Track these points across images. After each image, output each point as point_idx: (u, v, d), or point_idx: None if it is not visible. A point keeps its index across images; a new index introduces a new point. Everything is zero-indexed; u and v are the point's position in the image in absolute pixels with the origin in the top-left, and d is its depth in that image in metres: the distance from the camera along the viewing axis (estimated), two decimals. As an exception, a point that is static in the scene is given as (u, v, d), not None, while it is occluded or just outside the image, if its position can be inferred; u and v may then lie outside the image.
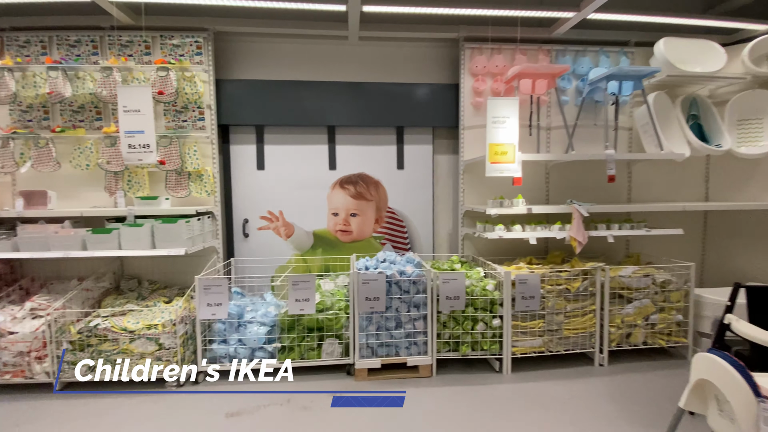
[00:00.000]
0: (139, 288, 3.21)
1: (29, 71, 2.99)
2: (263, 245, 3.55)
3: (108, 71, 3.01)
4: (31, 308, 2.69)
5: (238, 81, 3.40)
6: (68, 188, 3.20)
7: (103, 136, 3.06)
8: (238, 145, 3.53)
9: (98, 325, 2.59)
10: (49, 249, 2.72)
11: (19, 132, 2.98)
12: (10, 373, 2.57)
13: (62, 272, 3.27)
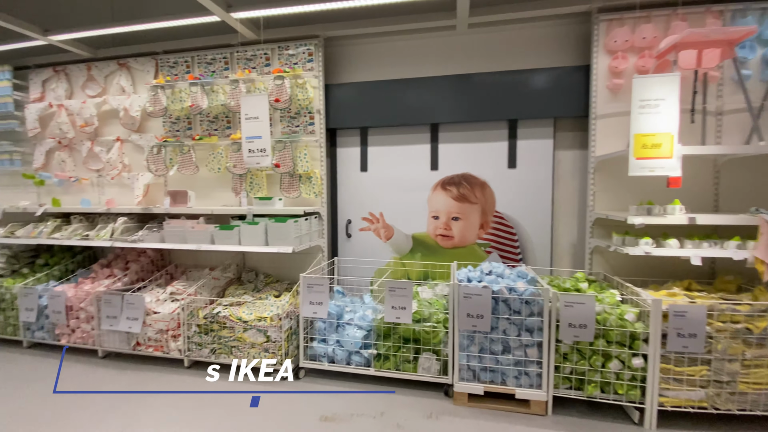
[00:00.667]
0: (256, 280, 3.50)
1: (176, 88, 3.50)
2: (365, 246, 3.54)
3: (235, 83, 3.33)
4: (171, 292, 3.13)
5: (344, 85, 3.44)
6: (204, 189, 3.66)
7: (231, 143, 3.41)
8: (344, 147, 3.58)
9: (219, 312, 2.86)
10: (186, 242, 3.13)
11: (168, 140, 3.52)
12: (153, 346, 3.03)
13: (198, 261, 3.77)
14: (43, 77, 4.03)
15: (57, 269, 3.74)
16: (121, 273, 3.54)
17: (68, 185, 4.07)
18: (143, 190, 3.70)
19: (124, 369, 3.04)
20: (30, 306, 3.32)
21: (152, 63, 3.72)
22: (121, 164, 3.81)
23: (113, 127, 3.89)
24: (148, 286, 3.33)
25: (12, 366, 3.13)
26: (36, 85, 4.05)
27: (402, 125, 3.38)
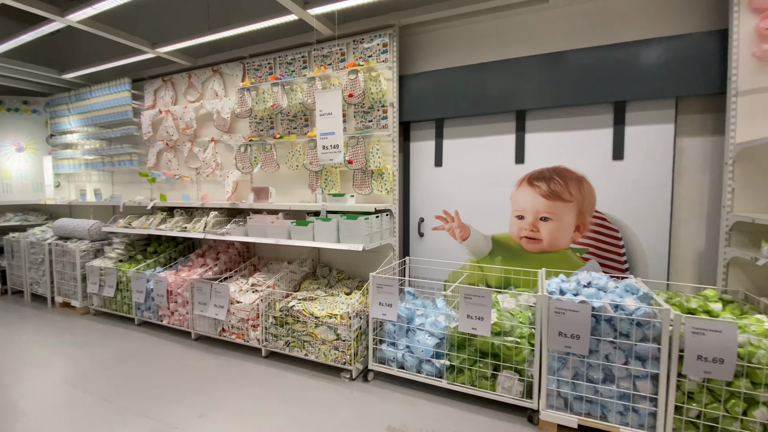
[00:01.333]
0: (329, 276, 3.52)
1: (260, 89, 3.66)
2: (438, 246, 3.33)
3: (312, 81, 3.37)
4: (252, 284, 3.29)
5: (419, 75, 3.25)
6: (284, 185, 3.79)
7: (307, 140, 3.47)
8: (418, 141, 3.40)
9: (293, 306, 2.91)
10: (266, 236, 3.25)
11: (253, 140, 3.71)
12: (235, 334, 3.21)
13: (278, 255, 3.93)
14: (155, 87, 4.57)
15: (163, 257, 4.22)
16: (213, 263, 3.84)
17: (173, 182, 4.57)
18: (232, 187, 3.97)
19: (210, 352, 3.29)
20: (140, 288, 3.78)
21: (240, 67, 3.96)
22: (215, 163, 4.14)
23: (208, 128, 4.25)
24: (234, 276, 3.56)
25: (125, 340, 3.60)
26: (149, 94, 4.61)
27: (482, 114, 3.08)
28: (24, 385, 2.79)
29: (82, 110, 5.03)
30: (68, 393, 2.68)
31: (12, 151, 5.54)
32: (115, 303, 4.09)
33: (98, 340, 3.58)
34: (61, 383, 2.81)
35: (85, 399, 2.60)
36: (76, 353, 3.32)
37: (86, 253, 4.40)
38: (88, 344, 3.50)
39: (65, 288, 4.49)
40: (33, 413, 2.45)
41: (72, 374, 2.95)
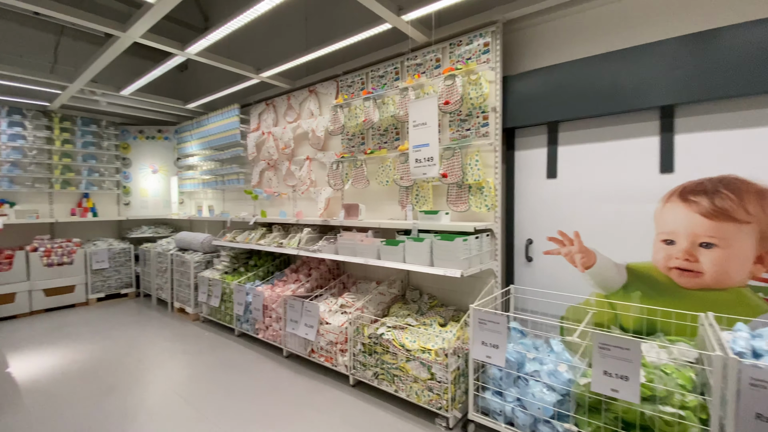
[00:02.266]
0: (420, 300, 3.22)
1: (352, 105, 3.60)
2: (551, 274, 2.80)
3: (404, 92, 3.18)
4: (341, 305, 3.15)
5: (526, 74, 2.82)
6: (373, 201, 3.65)
7: (398, 154, 3.27)
8: (525, 150, 2.94)
9: (383, 335, 2.67)
10: (355, 254, 3.10)
11: (344, 156, 3.65)
12: (324, 357, 3.09)
13: (367, 274, 3.77)
14: (259, 110, 4.90)
15: (262, 270, 4.40)
16: (305, 279, 3.85)
17: (273, 199, 4.80)
18: (324, 203, 3.97)
19: (300, 373, 3.22)
20: (240, 301, 3.95)
21: (334, 86, 3.98)
22: (309, 180, 4.21)
23: (304, 147, 4.36)
24: (324, 294, 3.49)
25: (225, 351, 3.76)
26: (254, 117, 4.96)
27: (611, 114, 2.51)
28: (138, 390, 3.02)
29: (200, 135, 5.66)
30: (175, 404, 2.81)
31: (149, 173, 6.50)
32: (220, 313, 4.37)
33: (204, 349, 3.81)
34: (170, 392, 2.98)
35: (188, 414, 2.69)
36: (185, 360, 3.56)
37: (199, 264, 4.83)
38: (195, 352, 3.74)
39: (182, 295, 4.98)
40: (140, 424, 2.60)
41: (180, 383, 3.13)
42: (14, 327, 4.54)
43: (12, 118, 5.23)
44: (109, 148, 6.18)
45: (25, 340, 4.08)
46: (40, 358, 3.62)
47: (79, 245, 5.51)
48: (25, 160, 5.33)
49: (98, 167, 6.09)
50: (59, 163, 5.64)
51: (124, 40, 3.20)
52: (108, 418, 2.61)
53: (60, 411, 2.70)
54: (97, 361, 3.54)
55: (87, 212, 5.94)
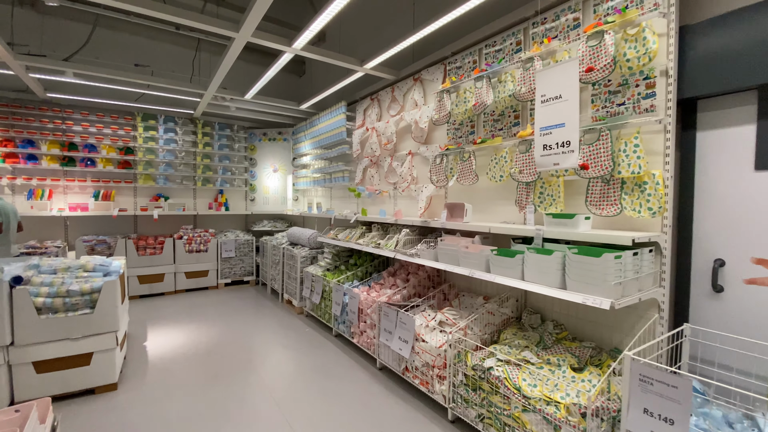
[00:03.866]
0: (542, 328, 2.55)
1: (461, 89, 3.09)
2: (755, 312, 1.84)
3: (528, 63, 2.53)
4: (440, 321, 2.68)
5: (719, 19, 1.91)
6: (483, 201, 3.08)
7: (517, 142, 2.64)
8: (715, 129, 2.02)
9: (491, 369, 2.12)
10: (458, 264, 2.60)
11: (450, 148, 3.16)
12: (419, 379, 2.66)
13: (472, 286, 3.22)
14: (364, 106, 4.74)
15: (360, 270, 4.23)
16: (402, 284, 3.51)
17: (374, 197, 4.60)
18: (426, 202, 3.56)
19: (393, 392, 2.87)
20: (338, 300, 3.82)
21: (440, 69, 3.53)
22: (411, 177, 3.86)
23: (407, 142, 4.02)
24: (421, 305, 3.07)
25: (323, 351, 3.66)
26: (359, 114, 4.83)
27: None
28: (237, 382, 3.08)
29: (312, 135, 5.84)
30: (266, 406, 2.75)
31: (270, 171, 7.05)
32: (320, 309, 4.35)
33: (303, 346, 3.79)
34: (264, 390, 2.95)
35: (276, 420, 2.59)
36: (284, 357, 3.57)
37: (305, 259, 4.93)
38: (295, 348, 3.74)
39: (290, 287, 5.18)
40: (233, 426, 2.58)
41: (275, 381, 3.10)
42: (162, 303, 5.32)
43: (167, 125, 6.19)
44: (239, 150, 6.90)
45: (166, 318, 4.70)
46: (171, 335, 4.08)
47: (213, 235, 6.25)
48: (176, 161, 6.27)
49: (230, 167, 6.85)
50: (201, 163, 6.49)
51: (238, 40, 3.31)
52: (208, 408, 2.68)
53: (171, 392, 2.89)
54: (213, 344, 3.80)
55: (221, 206, 6.72)
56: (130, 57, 5.69)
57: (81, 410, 2.61)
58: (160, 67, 5.74)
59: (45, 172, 5.43)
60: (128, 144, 5.89)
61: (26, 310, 2.58)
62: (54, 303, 2.70)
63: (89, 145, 5.64)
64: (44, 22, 5.19)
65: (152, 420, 2.51)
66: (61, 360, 2.69)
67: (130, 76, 4.49)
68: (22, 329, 2.57)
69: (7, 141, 5.12)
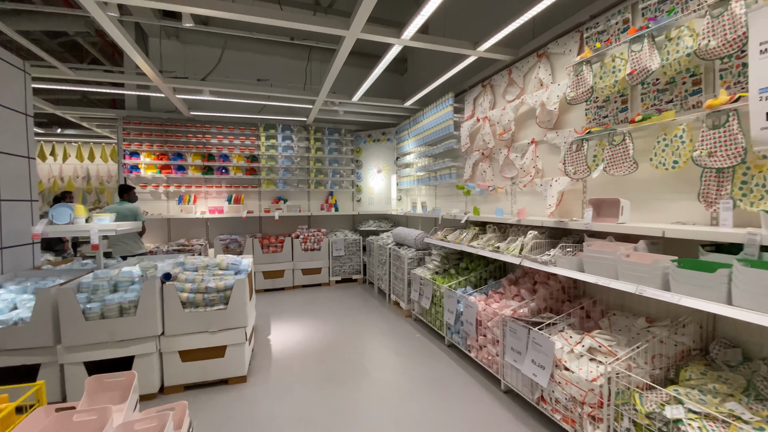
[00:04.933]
0: (746, 368, 1.84)
1: (607, 57, 2.47)
2: None
3: (720, 7, 1.85)
4: (590, 347, 2.15)
5: None
6: (641, 196, 2.42)
7: (703, 115, 1.97)
8: None
9: (680, 423, 1.56)
10: (617, 277, 2.05)
11: (593, 131, 2.56)
12: (560, 414, 2.18)
13: (626, 302, 2.58)
14: (474, 95, 4.33)
15: (473, 275, 3.84)
16: (529, 295, 3.03)
17: (487, 194, 4.16)
18: (556, 199, 3.00)
19: (524, 422, 2.44)
20: (451, 308, 3.50)
21: (574, 39, 2.94)
22: (534, 169, 3.33)
23: (528, 129, 3.50)
24: (559, 323, 2.56)
25: (434, 361, 3.39)
26: (469, 104, 4.43)
27: None
28: (352, 386, 2.99)
29: (416, 132, 5.63)
30: (380, 413, 2.60)
31: (375, 172, 7.09)
32: (430, 315, 4.09)
33: (414, 353, 3.58)
34: (378, 399, 2.81)
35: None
36: (397, 364, 3.40)
37: (412, 260, 4.73)
38: (406, 355, 3.56)
39: (397, 288, 5.05)
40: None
41: (388, 391, 2.94)
42: (282, 298, 5.73)
43: (284, 134, 6.68)
44: (347, 153, 7.11)
45: (286, 312, 5.01)
46: (291, 330, 4.28)
47: (325, 234, 6.53)
48: (293, 166, 6.73)
49: (339, 169, 7.10)
50: (313, 167, 6.86)
51: (349, 38, 3.24)
52: (325, 411, 2.63)
53: (293, 389, 2.95)
54: (327, 343, 3.86)
55: (331, 207, 7.00)
56: (252, 73, 6.28)
57: (217, 399, 2.81)
58: (277, 80, 6.20)
59: (191, 180, 6.33)
60: (253, 153, 6.52)
61: (174, 304, 2.89)
62: (195, 298, 2.98)
63: (223, 155, 6.39)
64: (186, 50, 6.04)
65: (277, 417, 2.56)
66: (200, 351, 2.96)
67: (253, 90, 4.89)
68: (170, 321, 2.88)
69: (162, 155, 6.11)
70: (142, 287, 2.79)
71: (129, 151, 6.00)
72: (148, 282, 2.81)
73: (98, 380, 1.44)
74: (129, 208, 4.51)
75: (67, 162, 8.84)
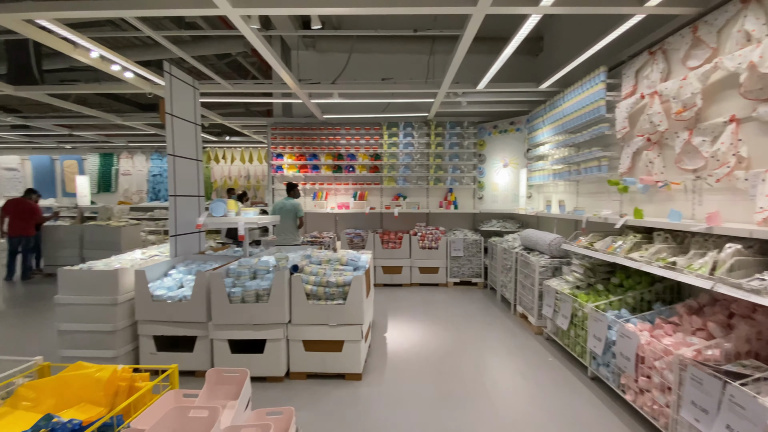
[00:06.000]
0: None
1: None
2: None
3: None
4: None
5: None
6: None
7: None
8: None
9: None
10: None
11: None
12: None
13: None
14: (636, 66, 3.44)
15: (631, 296, 3.05)
16: (721, 332, 2.20)
17: (653, 192, 3.25)
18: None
19: None
20: (598, 334, 2.84)
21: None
22: (734, 158, 2.40)
23: (724, 103, 2.56)
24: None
25: (573, 396, 2.79)
26: (628, 78, 3.54)
27: None
28: (470, 409, 2.66)
29: (553, 119, 4.87)
30: (504, 450, 2.22)
31: (500, 167, 6.48)
32: (567, 337, 3.43)
33: (546, 381, 3.04)
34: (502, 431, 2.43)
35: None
36: (522, 387, 2.94)
37: (545, 269, 4.09)
38: (535, 380, 3.05)
39: (524, 300, 4.46)
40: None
41: (515, 421, 2.52)
42: (400, 294, 5.71)
43: (406, 131, 6.65)
44: (468, 147, 6.68)
45: (403, 310, 4.94)
46: (407, 331, 4.17)
47: (443, 233, 6.28)
48: (413, 163, 6.67)
49: (460, 164, 6.74)
50: (433, 163, 6.67)
51: (476, 15, 2.89)
52: (438, 429, 2.39)
53: (406, 397, 2.79)
54: (444, 352, 3.61)
55: (450, 205, 6.70)
56: (377, 74, 6.40)
57: (334, 394, 2.86)
58: (400, 77, 6.19)
59: (323, 178, 6.87)
60: (376, 151, 6.69)
61: (299, 294, 3.05)
62: (317, 291, 3.09)
63: (350, 155, 6.74)
64: (319, 58, 6.52)
65: (390, 427, 2.44)
66: (321, 343, 3.06)
67: (378, 88, 4.94)
68: (296, 310, 3.05)
69: (301, 155, 6.76)
70: (274, 276, 3.01)
71: (275, 153, 6.84)
72: (279, 272, 3.02)
73: (218, 373, 1.50)
74: (292, 204, 5.13)
75: (234, 164, 10.72)
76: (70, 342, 3.08)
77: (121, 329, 3.09)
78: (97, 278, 3.09)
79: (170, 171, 3.64)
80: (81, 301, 3.06)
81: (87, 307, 3.06)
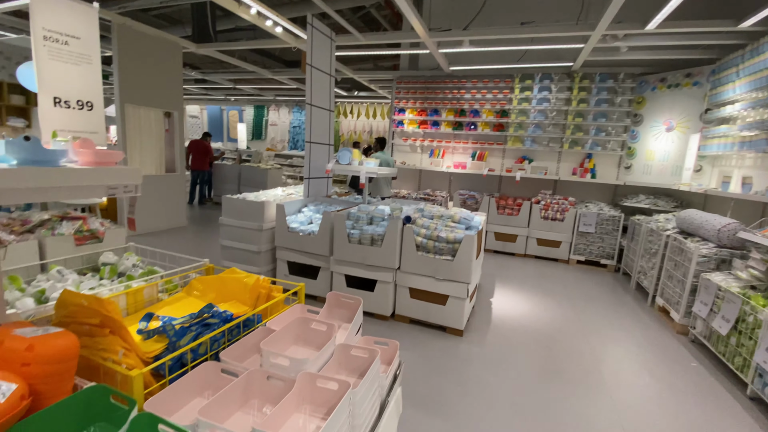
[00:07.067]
0: None
1: None
2: None
3: None
4: None
5: None
6: None
7: None
8: None
9: None
10: None
11: None
12: None
13: None
14: None
15: (843, 309, 2.25)
16: None
17: None
18: None
19: None
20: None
21: None
22: None
23: None
24: None
25: (721, 414, 2.29)
26: None
27: None
28: (586, 401, 2.43)
29: (753, 69, 3.67)
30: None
31: (661, 130, 5.30)
32: (724, 344, 2.78)
33: (685, 388, 2.56)
34: (618, 427, 2.16)
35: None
36: (651, 390, 2.54)
37: (707, 260, 3.31)
38: (669, 384, 2.60)
39: (668, 292, 3.74)
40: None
41: (636, 421, 2.22)
42: (511, 263, 5.41)
43: (542, 84, 5.89)
44: (622, 104, 5.61)
45: (513, 279, 4.69)
46: (516, 300, 3.97)
47: (573, 204, 5.59)
48: (546, 122, 5.94)
49: (606, 126, 5.74)
50: (571, 123, 5.82)
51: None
52: (539, 406, 2.27)
53: (506, 363, 2.70)
54: (557, 330, 3.33)
55: (587, 173, 5.87)
56: (516, 17, 5.71)
57: (434, 343, 2.94)
58: (544, 20, 5.40)
59: (442, 136, 6.70)
60: (504, 107, 6.15)
61: (409, 244, 3.13)
62: (427, 244, 3.12)
63: (474, 111, 6.36)
64: (453, 3, 6.08)
65: (487, 386, 2.42)
66: (426, 293, 3.14)
67: (515, 33, 4.42)
68: (405, 258, 3.16)
69: (422, 111, 6.66)
70: (388, 224, 3.14)
71: (398, 108, 6.89)
72: (393, 221, 3.14)
73: (336, 297, 1.66)
74: (388, 157, 5.29)
75: (359, 119, 11.27)
76: (229, 255, 3.86)
77: (264, 251, 3.72)
78: (249, 207, 3.72)
79: (307, 119, 4.02)
80: (237, 224, 3.76)
81: (241, 230, 3.75)
